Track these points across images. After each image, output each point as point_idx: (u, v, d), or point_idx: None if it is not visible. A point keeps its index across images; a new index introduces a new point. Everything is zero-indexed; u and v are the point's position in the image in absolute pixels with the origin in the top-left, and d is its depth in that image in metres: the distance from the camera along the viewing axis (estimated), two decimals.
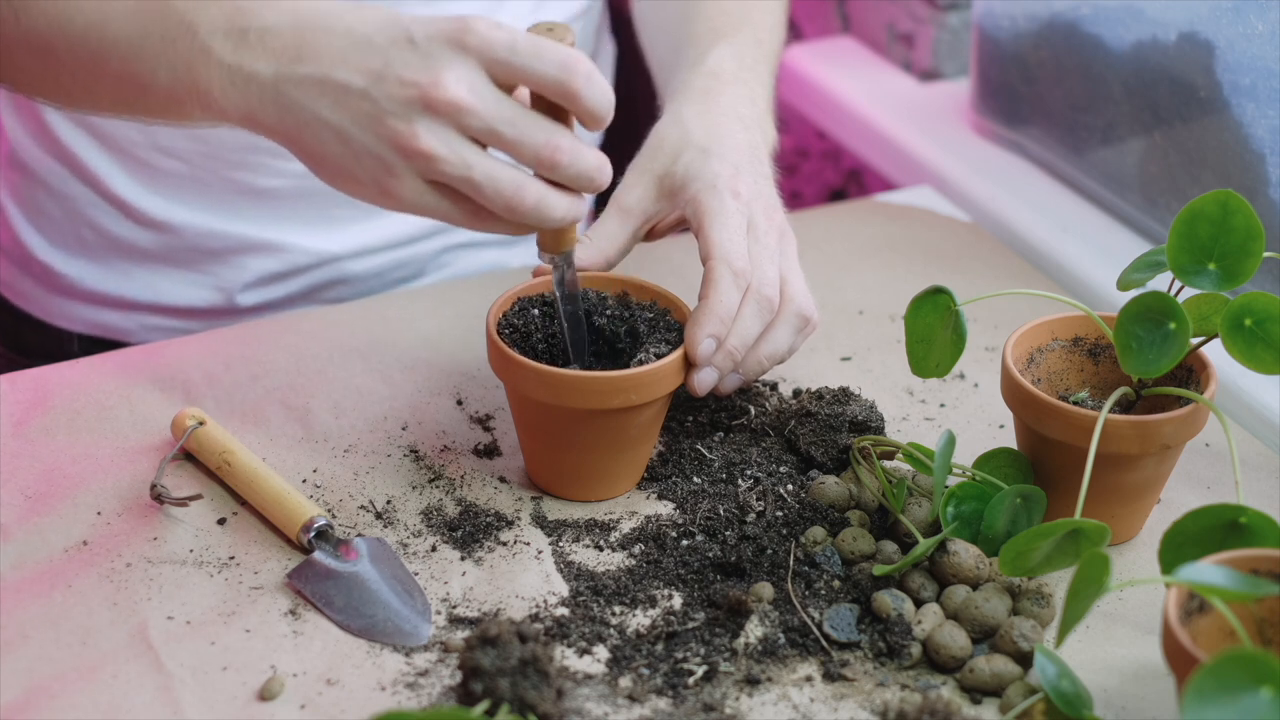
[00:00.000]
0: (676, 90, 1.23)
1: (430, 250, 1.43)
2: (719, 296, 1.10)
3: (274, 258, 1.39)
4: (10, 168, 1.41)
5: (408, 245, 1.42)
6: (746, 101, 1.22)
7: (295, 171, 1.36)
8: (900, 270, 1.38)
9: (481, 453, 1.17)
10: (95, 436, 1.17)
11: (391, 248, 1.41)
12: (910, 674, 1.01)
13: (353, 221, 1.39)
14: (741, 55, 1.26)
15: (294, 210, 1.38)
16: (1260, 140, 1.27)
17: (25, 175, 1.40)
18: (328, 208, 1.38)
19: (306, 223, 1.38)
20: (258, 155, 1.35)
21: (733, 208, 1.13)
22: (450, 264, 1.44)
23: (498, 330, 1.11)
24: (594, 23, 1.46)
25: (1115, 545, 1.10)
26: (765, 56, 1.30)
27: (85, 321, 1.42)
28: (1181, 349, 1.02)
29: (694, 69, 1.24)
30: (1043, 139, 1.50)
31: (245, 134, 1.33)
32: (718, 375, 1.11)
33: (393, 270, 1.42)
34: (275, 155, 1.35)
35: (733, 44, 1.26)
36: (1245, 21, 1.26)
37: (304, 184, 1.36)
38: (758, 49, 1.29)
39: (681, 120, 1.19)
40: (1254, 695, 0.80)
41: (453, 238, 1.43)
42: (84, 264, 1.41)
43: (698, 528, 1.09)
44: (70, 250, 1.41)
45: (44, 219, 1.40)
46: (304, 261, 1.39)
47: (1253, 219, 1.02)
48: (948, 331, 1.08)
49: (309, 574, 1.05)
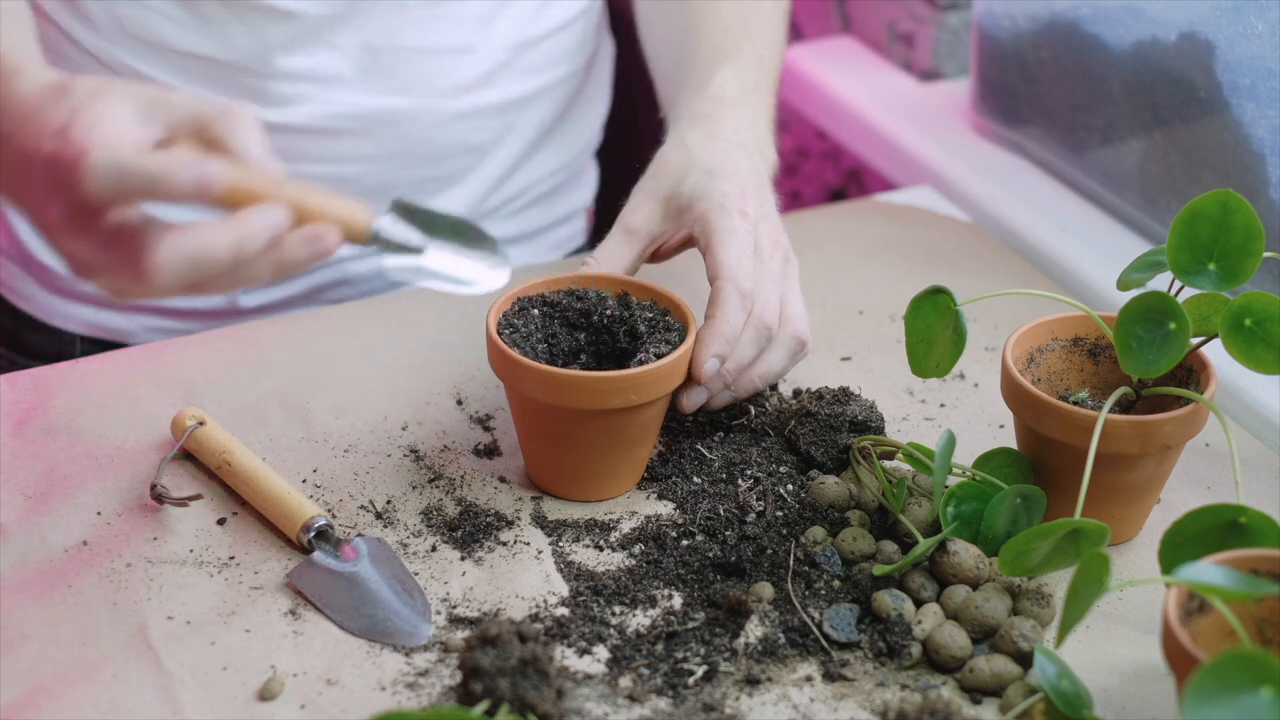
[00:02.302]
0: (680, 115, 1.25)
1: None
2: (726, 317, 1.11)
3: None
4: None
5: None
6: (748, 126, 1.24)
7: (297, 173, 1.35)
8: (900, 270, 1.38)
9: (481, 453, 1.17)
10: (95, 436, 1.17)
11: None
12: (910, 674, 1.01)
13: None
14: (743, 77, 1.27)
15: None
16: (1260, 140, 1.27)
17: None
18: None
19: None
20: None
21: (741, 228, 1.14)
22: None
23: (498, 330, 1.11)
24: (593, 22, 1.46)
25: (1115, 545, 1.10)
26: (767, 73, 1.31)
27: (86, 322, 1.42)
28: (1181, 349, 1.02)
29: (697, 93, 1.26)
30: (1043, 139, 1.50)
31: None
32: (708, 395, 1.13)
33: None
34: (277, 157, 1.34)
35: (735, 65, 1.28)
36: (1245, 21, 1.26)
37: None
38: (759, 66, 1.30)
39: (686, 144, 1.20)
40: (1254, 695, 0.80)
41: None
42: None
43: (698, 528, 1.09)
44: None
45: None
46: None
47: (1253, 219, 1.02)
48: (948, 331, 1.08)
49: (309, 574, 1.05)
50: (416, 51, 1.34)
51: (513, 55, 1.39)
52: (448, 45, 1.35)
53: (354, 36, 1.32)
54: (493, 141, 1.41)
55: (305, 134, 1.34)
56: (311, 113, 1.33)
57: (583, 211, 1.54)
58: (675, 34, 1.36)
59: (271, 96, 1.32)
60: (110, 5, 1.31)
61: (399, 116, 1.35)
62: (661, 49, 1.39)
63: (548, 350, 1.13)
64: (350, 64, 1.33)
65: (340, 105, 1.33)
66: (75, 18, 1.32)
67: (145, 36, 1.31)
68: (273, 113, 1.32)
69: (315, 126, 1.34)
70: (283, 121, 1.33)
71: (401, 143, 1.36)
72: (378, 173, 1.37)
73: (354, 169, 1.36)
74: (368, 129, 1.35)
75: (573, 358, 1.15)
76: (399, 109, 1.35)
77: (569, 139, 1.48)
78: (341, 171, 1.36)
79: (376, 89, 1.34)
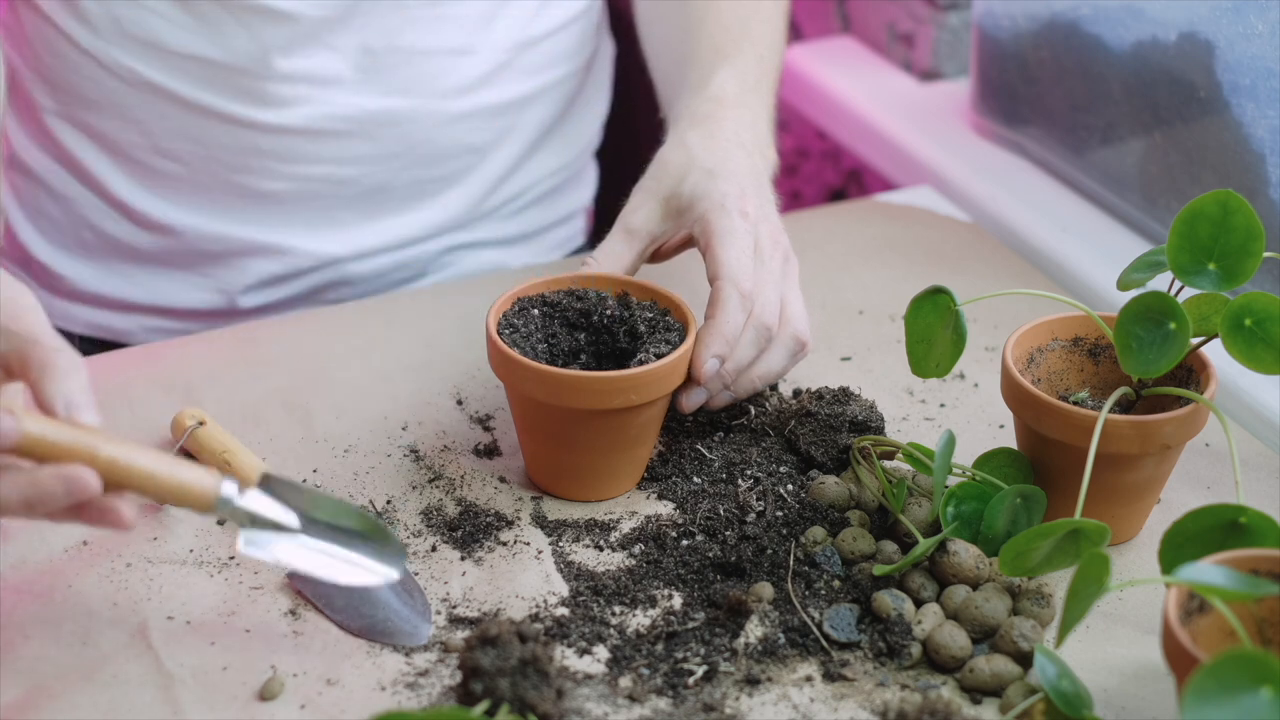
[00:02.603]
0: (680, 115, 1.25)
1: (432, 251, 1.43)
2: (725, 317, 1.11)
3: (275, 260, 1.39)
4: (11, 170, 1.41)
5: (410, 246, 1.42)
6: (748, 126, 1.24)
7: (296, 174, 1.36)
8: (900, 270, 1.38)
9: (481, 453, 1.17)
10: None
11: (393, 249, 1.41)
12: (910, 674, 1.01)
13: (354, 224, 1.39)
14: (743, 77, 1.27)
15: (295, 213, 1.38)
16: (1260, 140, 1.27)
17: (26, 177, 1.40)
18: (330, 210, 1.38)
19: (308, 225, 1.38)
20: (259, 158, 1.35)
21: (741, 227, 1.14)
22: (452, 264, 1.45)
23: (498, 330, 1.11)
24: (593, 22, 1.46)
25: (1115, 545, 1.10)
26: (766, 73, 1.31)
27: (86, 323, 1.42)
28: (1181, 349, 1.02)
29: (696, 94, 1.26)
30: (1043, 139, 1.50)
31: (243, 136, 1.33)
32: (708, 395, 1.13)
33: (394, 271, 1.42)
34: (276, 159, 1.35)
35: (734, 65, 1.28)
36: (1245, 21, 1.26)
37: (305, 186, 1.36)
38: (759, 66, 1.30)
39: (686, 145, 1.20)
40: (1254, 695, 0.80)
41: (454, 238, 1.43)
42: (85, 266, 1.41)
43: (698, 528, 1.09)
44: (71, 252, 1.41)
45: (45, 221, 1.40)
46: (306, 264, 1.39)
47: (1253, 219, 1.02)
48: (948, 331, 1.08)
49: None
50: (416, 52, 1.34)
51: (512, 55, 1.39)
52: (447, 46, 1.35)
53: (353, 38, 1.32)
54: (493, 142, 1.41)
55: (304, 135, 1.34)
56: (310, 114, 1.33)
57: (583, 211, 1.54)
58: (675, 34, 1.36)
59: (270, 98, 1.32)
60: (109, 6, 1.31)
61: (398, 117, 1.35)
62: (661, 49, 1.40)
63: (548, 350, 1.13)
64: (349, 65, 1.33)
65: (339, 106, 1.33)
66: (74, 18, 1.32)
67: (143, 37, 1.31)
68: (272, 114, 1.32)
69: (314, 128, 1.34)
70: (282, 123, 1.33)
71: (401, 143, 1.36)
72: (377, 174, 1.37)
73: (353, 170, 1.36)
74: (367, 130, 1.35)
75: (573, 358, 1.15)
76: (398, 110, 1.35)
77: (569, 139, 1.48)
78: (341, 173, 1.36)
79: (376, 90, 1.34)
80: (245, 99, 1.32)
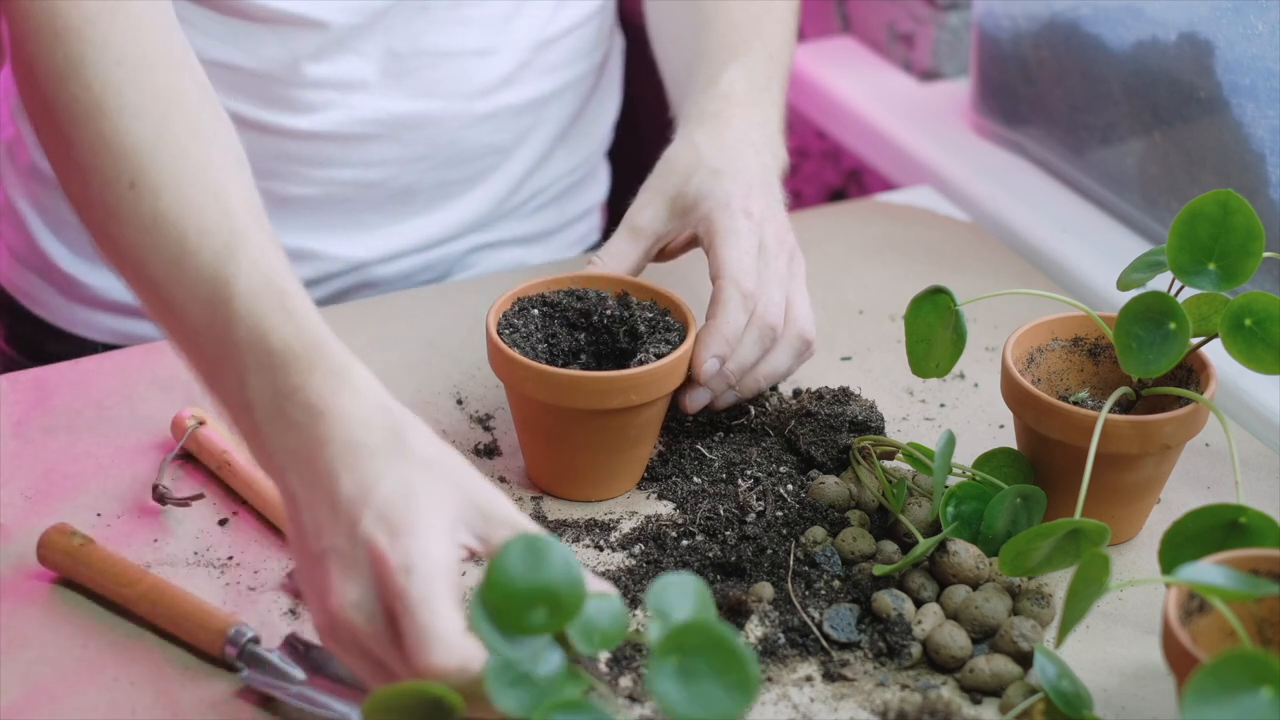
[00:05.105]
0: (689, 113, 1.25)
1: (457, 251, 1.43)
2: (726, 318, 1.11)
3: (303, 265, 1.38)
4: (31, 179, 1.41)
5: (436, 247, 1.41)
6: (758, 125, 1.23)
7: (324, 179, 1.36)
8: (900, 270, 1.38)
9: (481, 453, 1.17)
10: (95, 436, 1.17)
11: (419, 250, 1.41)
12: (910, 674, 1.01)
13: (382, 227, 1.39)
14: (753, 75, 1.27)
15: (323, 218, 1.38)
16: (1260, 140, 1.27)
17: (46, 186, 1.39)
18: (357, 214, 1.38)
19: (336, 229, 1.38)
20: (288, 164, 1.34)
21: (745, 227, 1.14)
22: (476, 264, 1.45)
23: (498, 330, 1.11)
24: (608, 20, 1.47)
25: (1115, 545, 1.10)
26: (777, 73, 1.30)
27: (109, 330, 1.41)
28: (1181, 349, 1.02)
29: (706, 91, 1.25)
30: (1043, 139, 1.50)
31: (272, 143, 1.33)
32: (710, 396, 1.13)
33: (420, 273, 1.42)
34: (304, 164, 1.34)
35: (744, 63, 1.27)
36: (1245, 21, 1.26)
37: (333, 191, 1.36)
38: (769, 65, 1.29)
39: (694, 143, 1.20)
40: (1254, 695, 0.80)
41: (478, 238, 1.43)
42: (108, 274, 1.40)
43: (698, 528, 1.09)
44: (94, 260, 1.40)
45: (66, 229, 1.40)
46: (334, 268, 1.39)
47: (1253, 219, 1.02)
48: (948, 331, 1.08)
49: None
50: (440, 55, 1.34)
51: (532, 55, 1.39)
52: (470, 47, 1.35)
53: (379, 43, 1.32)
54: (515, 141, 1.41)
55: (333, 140, 1.34)
56: (339, 119, 1.33)
57: (598, 208, 1.54)
58: (685, 32, 1.36)
59: (300, 104, 1.32)
60: None
61: (424, 120, 1.35)
62: (671, 47, 1.39)
63: (548, 350, 1.13)
64: (375, 70, 1.33)
65: (367, 110, 1.33)
66: None
67: None
68: (301, 120, 1.32)
69: (343, 132, 1.34)
70: (310, 129, 1.33)
71: (427, 145, 1.36)
72: (404, 176, 1.37)
73: (380, 173, 1.36)
74: (394, 133, 1.35)
75: (573, 358, 1.15)
76: (424, 112, 1.35)
77: (585, 136, 1.48)
78: (368, 176, 1.36)
79: (402, 93, 1.34)
80: (275, 106, 1.32)
